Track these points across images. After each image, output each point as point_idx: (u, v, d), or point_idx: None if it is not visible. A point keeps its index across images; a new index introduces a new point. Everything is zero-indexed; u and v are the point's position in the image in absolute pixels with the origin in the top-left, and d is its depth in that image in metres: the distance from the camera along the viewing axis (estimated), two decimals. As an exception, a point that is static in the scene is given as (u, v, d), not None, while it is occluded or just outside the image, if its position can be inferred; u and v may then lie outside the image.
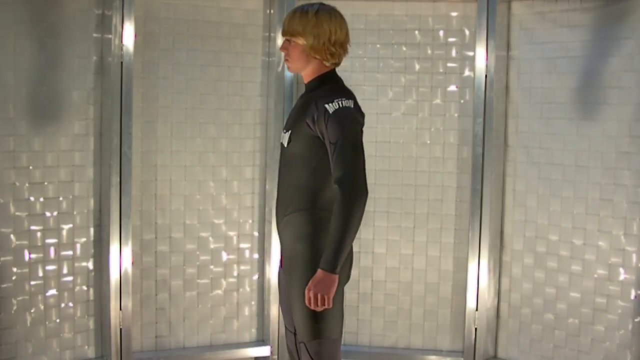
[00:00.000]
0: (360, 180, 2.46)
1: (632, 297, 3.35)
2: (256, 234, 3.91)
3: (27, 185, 3.38)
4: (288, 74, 3.72)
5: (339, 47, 2.60)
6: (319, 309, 2.48)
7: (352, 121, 2.50)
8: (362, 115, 2.59)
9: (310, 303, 2.47)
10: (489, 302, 3.73)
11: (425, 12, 3.79)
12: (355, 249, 2.87)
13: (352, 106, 2.52)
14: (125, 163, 3.49)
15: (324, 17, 2.58)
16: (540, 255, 3.66)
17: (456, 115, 3.81)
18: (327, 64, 2.62)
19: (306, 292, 2.48)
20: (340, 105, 2.50)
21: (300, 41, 2.60)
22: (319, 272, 2.45)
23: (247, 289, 3.92)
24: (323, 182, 2.57)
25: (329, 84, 2.63)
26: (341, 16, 2.63)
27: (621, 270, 3.39)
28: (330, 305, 2.47)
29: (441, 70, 3.81)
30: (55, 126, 3.44)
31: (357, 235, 3.73)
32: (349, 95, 2.58)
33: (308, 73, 2.66)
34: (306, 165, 2.58)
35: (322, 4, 2.64)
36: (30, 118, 3.37)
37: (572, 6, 3.51)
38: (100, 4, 3.50)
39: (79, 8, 3.46)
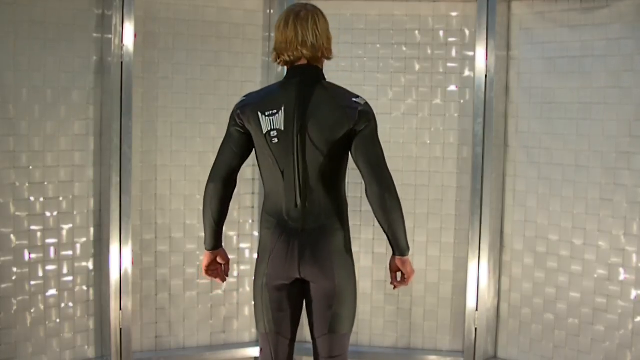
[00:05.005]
0: (211, 172, 2.69)
1: (632, 297, 3.35)
2: (256, 234, 3.91)
3: (27, 185, 3.38)
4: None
5: (277, 49, 2.65)
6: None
7: (229, 118, 2.66)
8: (243, 112, 2.60)
9: None
10: (489, 302, 3.73)
11: (425, 12, 3.79)
12: (355, 249, 2.87)
13: (238, 103, 2.65)
14: (125, 163, 3.49)
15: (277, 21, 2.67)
16: (540, 255, 3.66)
17: (456, 115, 3.81)
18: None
19: None
20: None
21: None
22: None
23: (247, 289, 3.92)
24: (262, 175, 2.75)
25: None
26: (283, 16, 2.61)
27: (621, 270, 3.39)
28: (203, 273, 2.80)
29: (441, 70, 3.81)
30: (55, 126, 3.44)
31: (357, 235, 3.78)
32: (253, 93, 2.68)
33: None
34: None
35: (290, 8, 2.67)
36: (30, 118, 3.38)
37: (572, 6, 3.51)
38: (100, 4, 3.50)
39: (79, 8, 3.46)
